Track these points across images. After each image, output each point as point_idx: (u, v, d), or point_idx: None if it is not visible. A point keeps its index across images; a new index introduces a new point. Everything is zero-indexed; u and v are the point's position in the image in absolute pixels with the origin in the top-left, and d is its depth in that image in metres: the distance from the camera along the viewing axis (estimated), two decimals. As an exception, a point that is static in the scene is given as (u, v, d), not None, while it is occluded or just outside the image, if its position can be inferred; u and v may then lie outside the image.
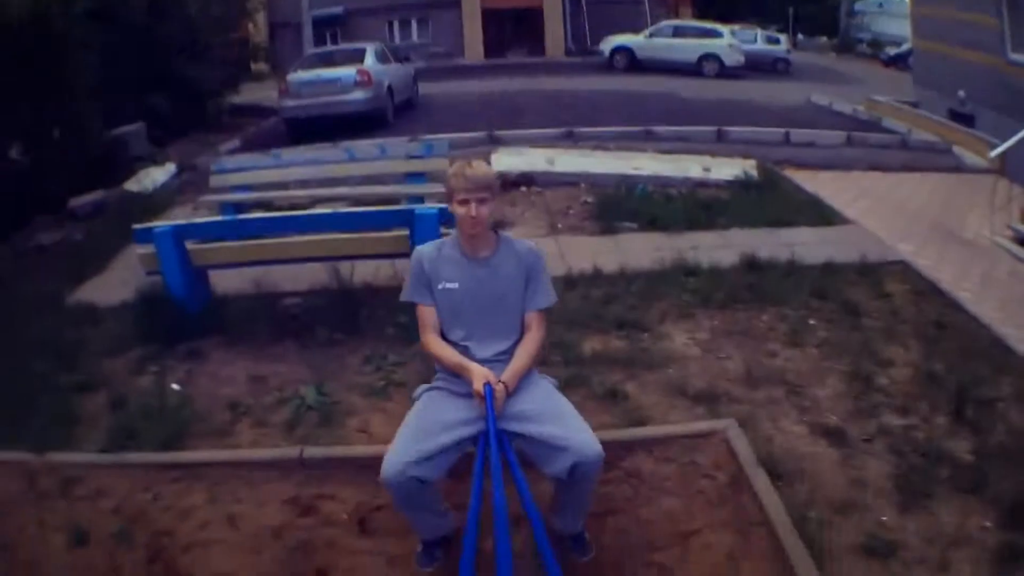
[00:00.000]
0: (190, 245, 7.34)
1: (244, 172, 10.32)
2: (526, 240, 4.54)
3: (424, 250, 4.43)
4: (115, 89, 16.75)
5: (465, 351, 4.25)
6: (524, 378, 4.24)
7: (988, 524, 4.68)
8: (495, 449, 3.83)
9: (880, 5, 56.22)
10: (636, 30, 36.25)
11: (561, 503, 4.33)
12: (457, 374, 4.22)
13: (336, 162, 10.65)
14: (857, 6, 59.32)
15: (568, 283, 8.12)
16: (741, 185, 12.11)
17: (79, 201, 13.03)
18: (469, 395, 4.11)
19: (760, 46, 38.41)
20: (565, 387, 5.62)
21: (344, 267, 7.72)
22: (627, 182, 11.96)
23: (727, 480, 4.90)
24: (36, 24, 12.97)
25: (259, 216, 9.14)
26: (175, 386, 6.49)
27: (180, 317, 7.27)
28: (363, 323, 7.29)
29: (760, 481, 4.74)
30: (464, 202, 4.11)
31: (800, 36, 53.26)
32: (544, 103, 22.23)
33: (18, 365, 6.86)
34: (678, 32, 34.74)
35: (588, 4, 43.15)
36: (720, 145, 15.83)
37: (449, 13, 42.96)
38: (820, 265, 8.55)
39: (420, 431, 4.03)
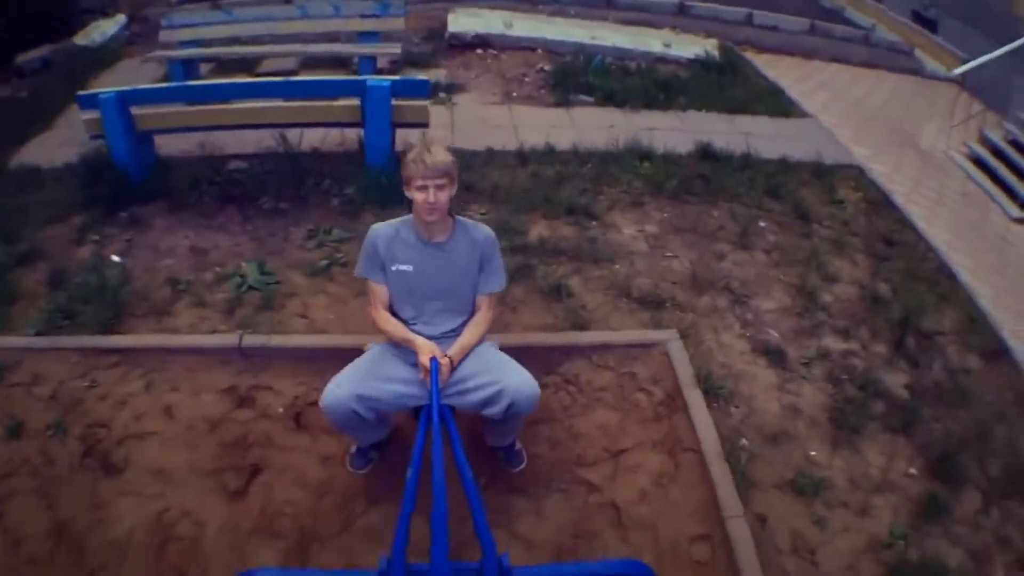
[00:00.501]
0: (135, 110, 7.08)
1: (194, 27, 10.11)
2: (481, 224, 4.47)
3: (380, 230, 4.36)
4: None
5: (413, 328, 4.26)
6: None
7: (914, 471, 4.74)
8: (436, 424, 3.82)
9: None
10: None
11: (493, 426, 4.37)
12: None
13: (288, 19, 10.40)
14: None
15: (520, 159, 7.94)
16: (701, 65, 11.80)
17: (26, 56, 12.41)
18: (415, 363, 4.14)
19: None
20: (511, 279, 5.59)
21: (292, 133, 7.50)
22: (585, 52, 11.60)
23: (663, 397, 4.87)
24: None
25: (206, 83, 8.88)
26: (115, 258, 6.30)
27: (123, 183, 7.07)
28: (308, 192, 7.07)
29: (695, 403, 4.72)
30: (423, 188, 4.06)
31: None
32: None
33: None
34: None
35: None
36: (681, 19, 15.36)
37: None
38: (775, 160, 8.41)
39: (368, 374, 4.10)
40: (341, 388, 3.96)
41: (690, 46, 12.62)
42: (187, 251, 6.37)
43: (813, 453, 4.71)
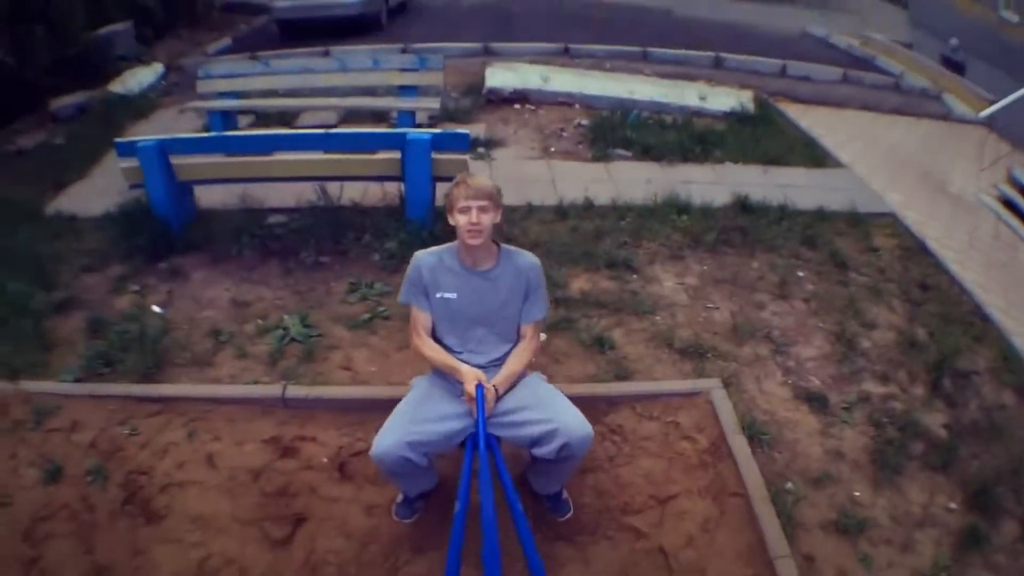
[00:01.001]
0: (175, 159, 7.23)
1: (232, 79, 10.19)
2: (526, 252, 4.53)
3: (424, 257, 4.43)
4: None
5: (459, 357, 4.30)
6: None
7: (954, 506, 4.86)
8: (483, 453, 3.88)
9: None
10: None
11: (543, 471, 4.40)
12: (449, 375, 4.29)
13: (327, 72, 10.46)
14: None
15: (559, 213, 8.13)
16: (736, 117, 12.03)
17: (61, 103, 12.65)
18: (461, 394, 4.19)
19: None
20: (552, 331, 5.77)
21: (332, 186, 7.69)
22: (622, 106, 11.82)
23: (708, 444, 5.00)
24: None
25: (246, 133, 9.09)
26: (156, 308, 6.49)
27: (163, 233, 7.22)
28: (349, 246, 7.26)
29: (740, 449, 4.85)
30: (465, 210, 4.14)
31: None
32: (539, 14, 21.74)
33: None
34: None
35: None
36: (717, 71, 15.66)
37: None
38: (811, 211, 8.55)
39: (414, 417, 4.10)
40: (390, 436, 3.98)
41: (725, 98, 12.83)
42: (228, 303, 6.58)
43: (856, 493, 4.84)
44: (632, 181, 9.10)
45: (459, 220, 4.17)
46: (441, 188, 7.29)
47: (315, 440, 5.03)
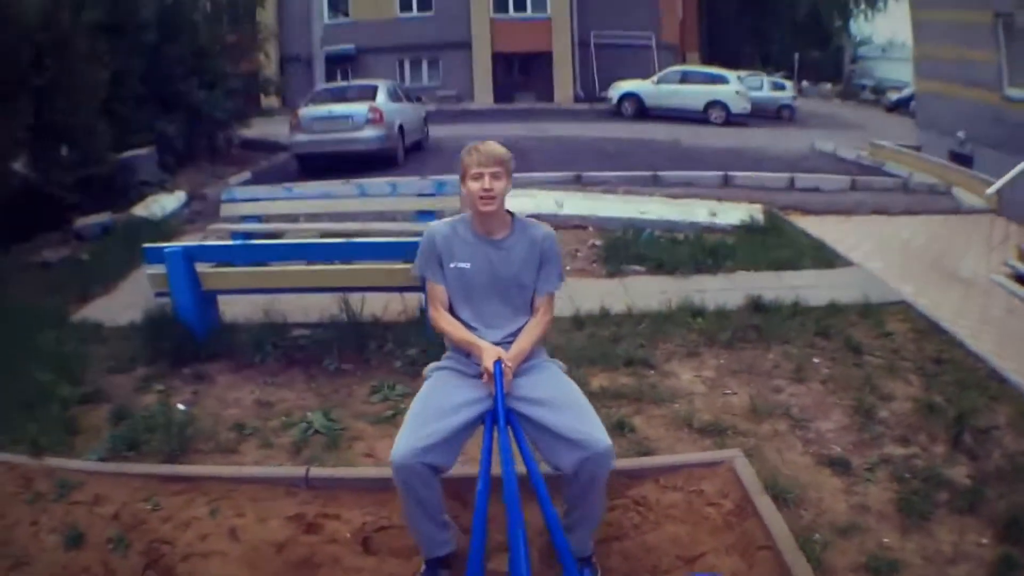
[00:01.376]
0: (200, 268, 7.48)
1: (255, 202, 10.43)
2: (541, 223, 4.58)
3: (437, 227, 4.48)
4: (124, 109, 16.90)
5: (474, 332, 4.32)
6: (535, 362, 4.34)
7: (985, 541, 4.84)
8: (503, 427, 3.89)
9: (883, 51, 56.98)
10: (645, 76, 36.60)
11: (570, 509, 4.28)
12: (466, 351, 4.30)
13: (347, 197, 10.72)
14: (860, 51, 60.05)
15: (576, 323, 8.29)
16: (747, 229, 12.33)
17: (86, 222, 13.10)
18: (477, 375, 4.18)
19: (766, 93, 38.82)
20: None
21: (355, 299, 7.88)
22: (634, 226, 12.13)
23: (733, 507, 5.03)
24: (46, 27, 13.16)
25: (270, 242, 9.31)
26: (180, 406, 6.61)
27: (187, 340, 7.40)
28: (372, 355, 7.43)
29: (765, 506, 4.88)
30: (478, 176, 4.19)
31: (805, 83, 53.83)
32: (552, 149, 22.35)
33: (19, 374, 6.99)
34: (685, 78, 35.08)
35: (597, 49, 43.56)
36: (726, 190, 16.06)
37: (459, 55, 43.29)
38: (824, 306, 8.72)
39: (428, 414, 4.07)
40: (406, 441, 3.96)
41: (735, 213, 13.21)
42: (252, 403, 6.71)
43: (885, 540, 4.83)
44: (646, 293, 9.30)
45: (471, 187, 4.23)
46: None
47: (339, 518, 5.04)
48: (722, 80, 34.19)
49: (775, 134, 28.61)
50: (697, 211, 13.38)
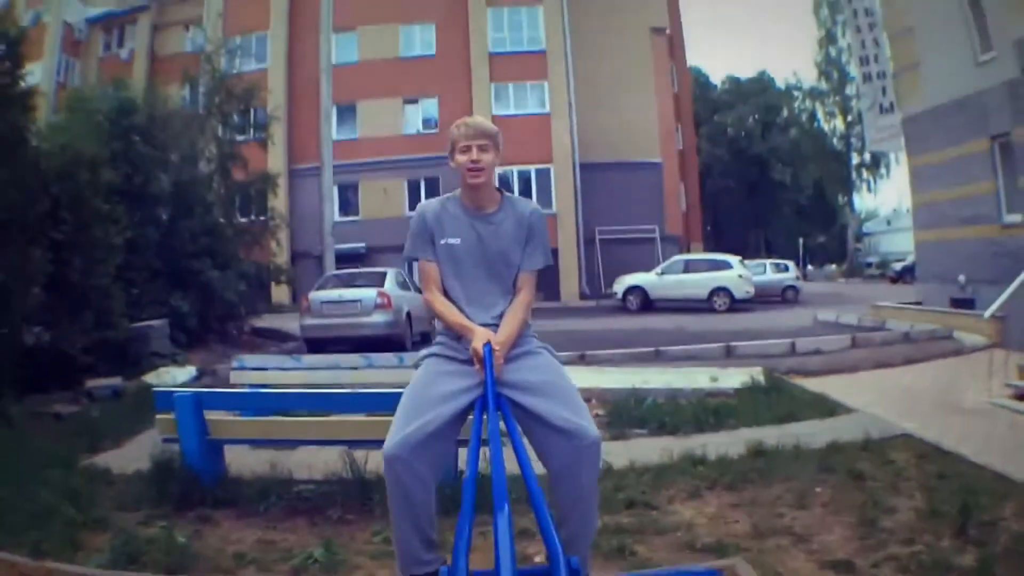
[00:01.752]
0: (209, 416, 7.48)
1: (264, 371, 10.47)
2: (529, 199, 4.62)
3: (427, 205, 4.49)
4: (139, 278, 17.45)
5: (464, 314, 4.30)
6: (526, 348, 4.32)
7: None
8: (493, 412, 3.83)
9: (888, 223, 57.92)
10: (649, 268, 37.25)
11: (563, 518, 4.09)
12: (457, 335, 4.27)
13: (354, 368, 10.68)
14: (866, 227, 61.13)
15: (577, 479, 8.19)
16: (749, 390, 12.35)
17: (97, 383, 13.27)
18: (467, 360, 4.17)
19: (769, 276, 39.44)
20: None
21: (359, 455, 7.80)
22: (637, 395, 12.15)
23: (737, 606, 4.96)
24: (63, 179, 13.68)
25: (280, 391, 9.37)
26: (182, 539, 6.47)
27: (193, 485, 7.38)
28: (375, 506, 7.30)
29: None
30: (465, 149, 4.24)
31: (810, 267, 54.60)
32: (558, 340, 22.51)
33: (27, 495, 7.10)
34: (689, 267, 35.75)
35: (602, 244, 44.45)
36: (728, 360, 16.15)
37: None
38: (825, 447, 8.70)
39: (420, 405, 4.02)
40: (397, 431, 3.94)
41: (737, 376, 13.27)
42: (255, 541, 6.60)
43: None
44: (649, 450, 9.21)
45: (459, 160, 4.27)
46: (464, 453, 7.49)
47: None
48: (725, 266, 34.83)
49: (780, 314, 28.93)
50: (699, 377, 13.44)
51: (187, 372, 15.89)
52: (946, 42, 19.61)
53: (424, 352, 4.49)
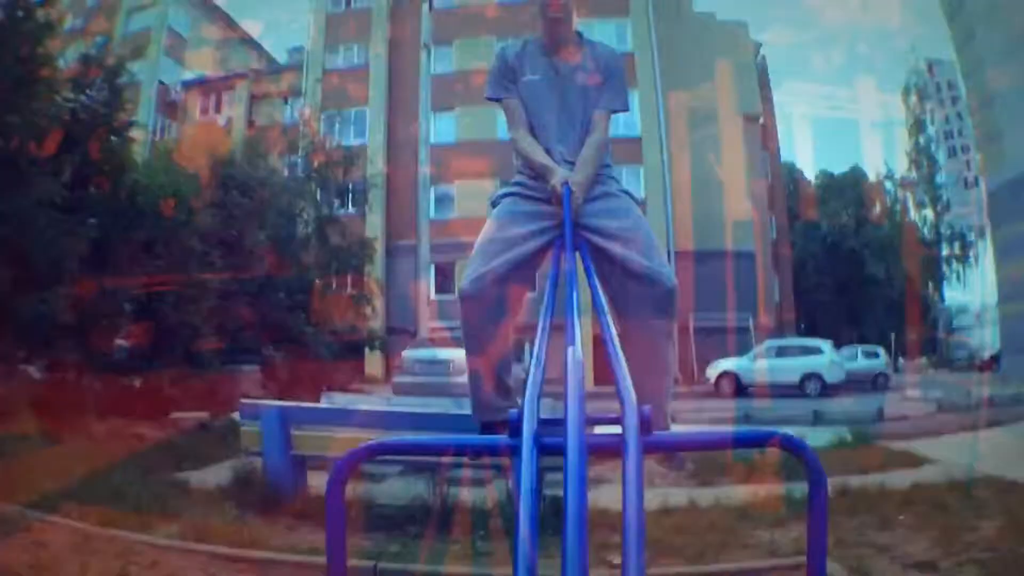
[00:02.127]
0: (295, 431, 7.57)
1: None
2: (608, 44, 4.49)
3: (509, 45, 4.37)
4: (231, 323, 17.75)
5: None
6: (606, 188, 4.15)
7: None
8: (571, 253, 3.61)
9: (977, 317, 56.85)
10: (742, 353, 36.97)
11: (635, 356, 3.37)
12: (535, 174, 4.12)
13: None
14: (956, 322, 60.04)
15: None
16: (835, 446, 12.45)
17: (183, 415, 13.69)
18: (544, 198, 4.03)
19: (860, 362, 38.85)
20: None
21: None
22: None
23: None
24: (159, 216, 14.21)
25: (369, 408, 9.50)
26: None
27: (273, 500, 7.44)
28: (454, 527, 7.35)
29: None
30: None
31: (901, 360, 53.76)
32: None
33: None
34: (781, 352, 35.28)
35: (696, 333, 44.27)
36: (816, 425, 16.12)
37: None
38: (910, 485, 8.80)
39: (496, 246, 3.93)
40: (473, 273, 3.85)
41: (825, 435, 13.29)
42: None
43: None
44: (733, 493, 9.37)
45: None
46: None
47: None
48: (817, 351, 34.28)
49: (870, 398, 28.61)
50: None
51: (273, 414, 15.96)
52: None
53: (502, 191, 4.34)
